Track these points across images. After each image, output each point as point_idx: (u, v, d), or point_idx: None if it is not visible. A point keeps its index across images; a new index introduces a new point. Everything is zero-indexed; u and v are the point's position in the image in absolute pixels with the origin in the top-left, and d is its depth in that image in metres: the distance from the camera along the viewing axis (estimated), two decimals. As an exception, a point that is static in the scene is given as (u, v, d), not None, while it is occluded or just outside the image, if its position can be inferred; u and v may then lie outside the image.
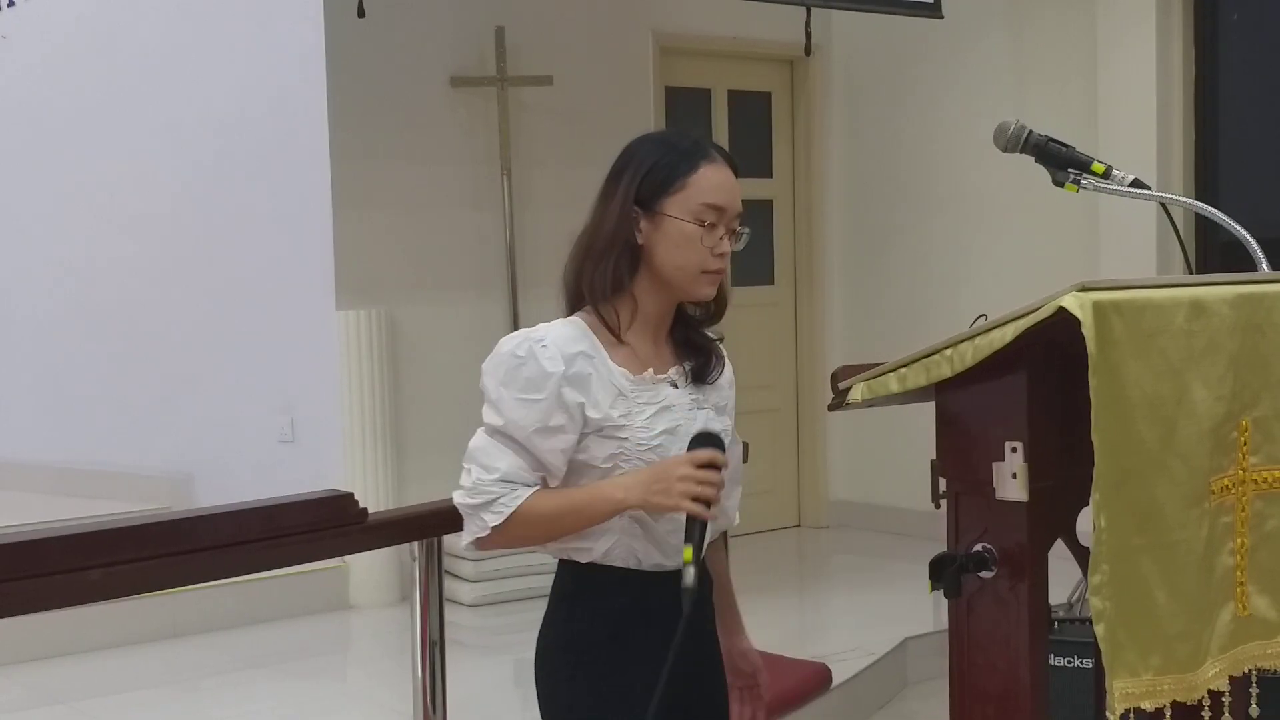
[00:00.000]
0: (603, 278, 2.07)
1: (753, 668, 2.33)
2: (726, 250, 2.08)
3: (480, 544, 2.07)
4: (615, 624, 2.09)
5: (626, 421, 2.04)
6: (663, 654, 2.03)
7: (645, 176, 2.08)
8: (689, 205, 2.06)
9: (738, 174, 2.14)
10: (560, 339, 2.07)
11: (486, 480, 2.04)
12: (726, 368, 2.23)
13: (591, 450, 2.05)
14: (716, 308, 2.17)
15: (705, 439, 2.02)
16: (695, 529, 1.97)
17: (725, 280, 2.13)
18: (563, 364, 2.04)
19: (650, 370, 2.09)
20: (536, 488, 2.05)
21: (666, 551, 2.08)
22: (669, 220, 2.06)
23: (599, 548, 2.07)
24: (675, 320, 2.17)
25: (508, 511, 2.03)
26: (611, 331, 2.08)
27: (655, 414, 2.06)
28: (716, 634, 2.25)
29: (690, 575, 1.92)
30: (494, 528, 2.03)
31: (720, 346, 2.22)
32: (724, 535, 2.39)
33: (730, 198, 2.09)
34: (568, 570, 2.14)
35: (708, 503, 1.97)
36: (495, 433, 2.06)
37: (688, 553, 1.94)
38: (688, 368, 2.14)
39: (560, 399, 2.03)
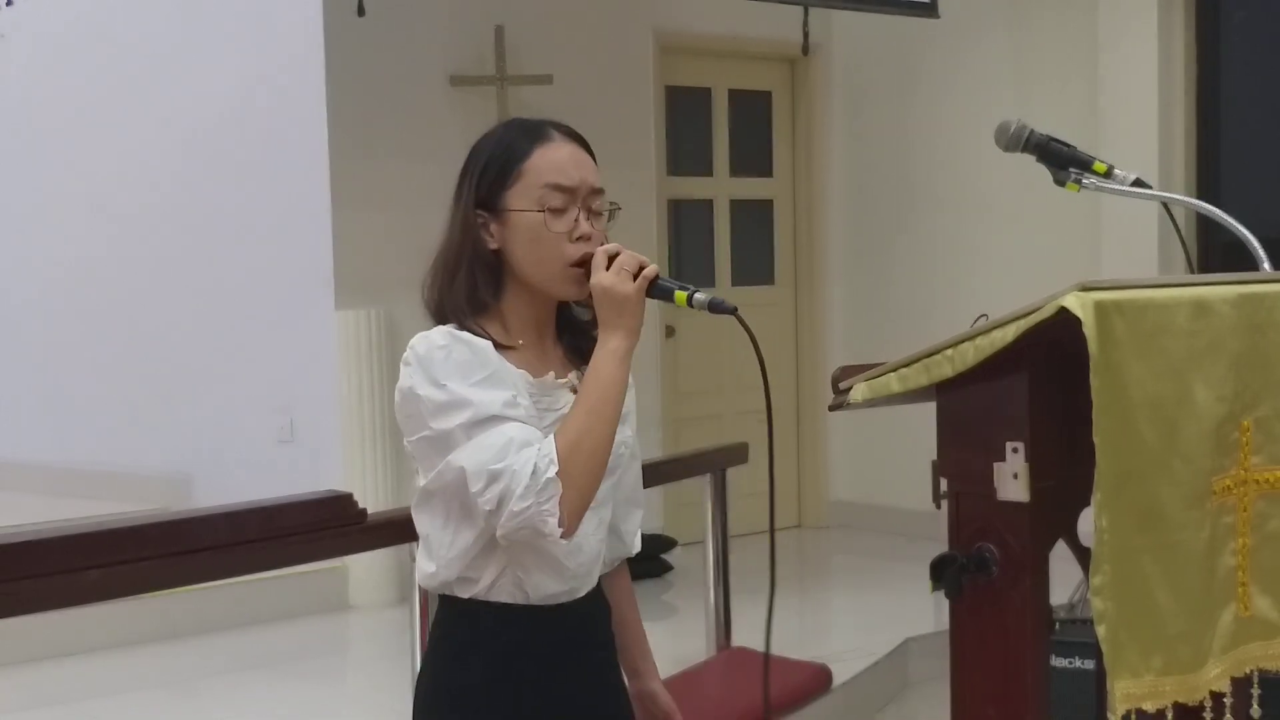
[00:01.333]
0: (458, 295, 1.89)
1: (665, 713, 2.13)
2: (588, 232, 1.88)
3: (569, 520, 1.77)
4: (498, 670, 1.88)
5: (536, 425, 1.84)
6: (556, 696, 1.90)
7: (481, 175, 1.91)
8: (530, 193, 1.87)
9: (589, 149, 1.95)
10: (463, 332, 1.87)
11: (513, 463, 1.76)
12: None
13: None
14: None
15: None
16: (661, 286, 1.85)
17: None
18: (485, 343, 1.87)
19: (551, 374, 1.92)
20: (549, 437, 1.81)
21: (561, 577, 1.89)
22: (513, 215, 1.88)
23: (484, 580, 1.87)
24: (561, 324, 1.98)
25: (550, 453, 1.76)
26: (499, 344, 1.89)
27: (554, 423, 1.86)
28: (620, 672, 2.06)
29: (701, 295, 1.83)
30: (560, 484, 1.75)
31: None
32: (626, 563, 2.16)
33: (577, 172, 1.89)
34: (447, 607, 1.92)
35: (642, 266, 1.83)
36: (471, 427, 1.79)
37: (681, 297, 1.84)
38: (582, 374, 1.92)
39: (504, 372, 1.85)
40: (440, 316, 1.93)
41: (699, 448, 5.12)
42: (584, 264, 1.88)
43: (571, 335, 1.99)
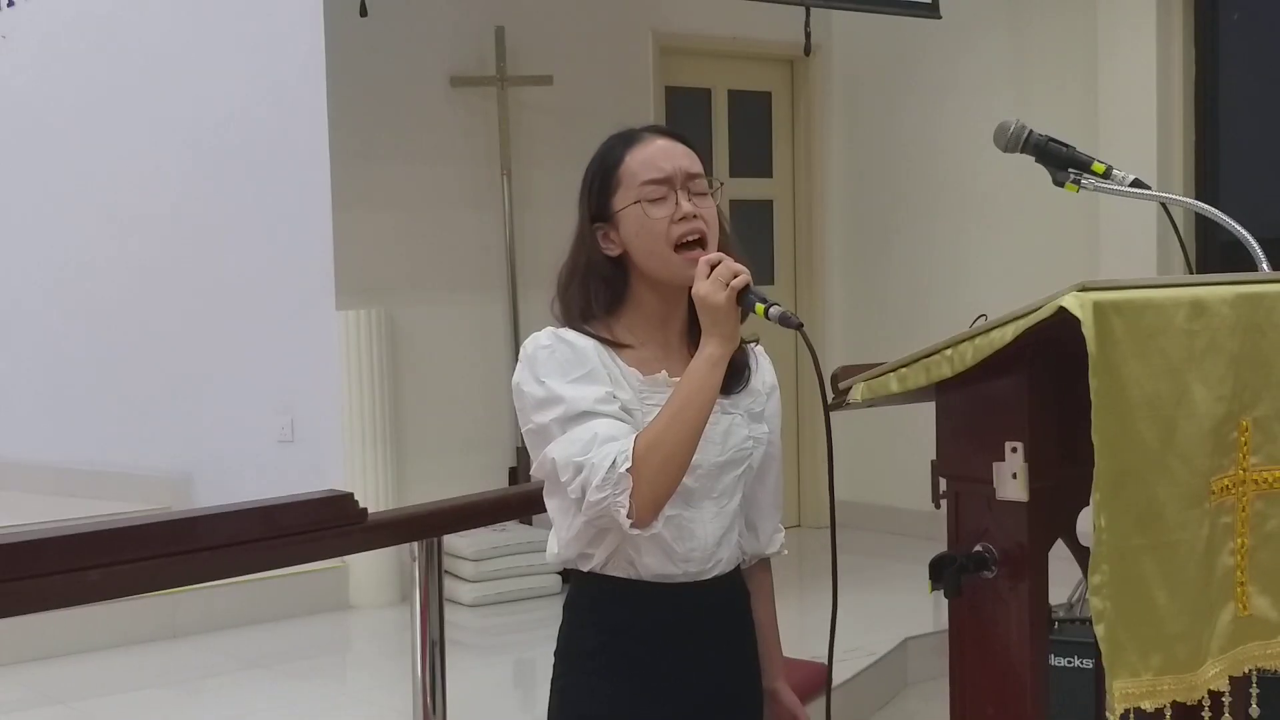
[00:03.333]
0: (571, 304, 2.03)
1: (790, 712, 2.22)
2: (690, 210, 1.99)
3: (640, 513, 1.88)
4: (607, 637, 2.03)
5: (639, 420, 1.94)
6: (666, 671, 2.01)
7: (590, 190, 2.05)
8: (630, 192, 2.00)
9: (684, 139, 2.08)
10: (568, 332, 2.01)
11: (594, 457, 1.88)
12: (763, 372, 2.13)
13: None
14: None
15: None
16: (751, 297, 1.92)
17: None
18: (589, 343, 1.98)
19: (664, 372, 2.01)
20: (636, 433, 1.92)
21: (671, 559, 1.99)
22: (621, 215, 2.01)
23: (599, 556, 2.00)
24: (693, 323, 2.04)
25: (628, 450, 1.87)
26: (613, 343, 2.01)
27: None
28: (756, 661, 2.16)
29: (775, 309, 1.91)
30: (631, 479, 1.86)
31: (755, 349, 2.12)
32: (767, 562, 2.24)
33: (669, 162, 2.01)
34: (575, 579, 2.07)
35: (735, 275, 1.91)
36: (565, 422, 1.92)
37: (761, 309, 1.91)
38: None
39: (602, 370, 1.96)
40: (564, 321, 2.05)
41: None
42: (691, 244, 1.98)
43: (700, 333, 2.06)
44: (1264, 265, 2.31)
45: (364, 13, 5.37)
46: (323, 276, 5.92)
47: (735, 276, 1.91)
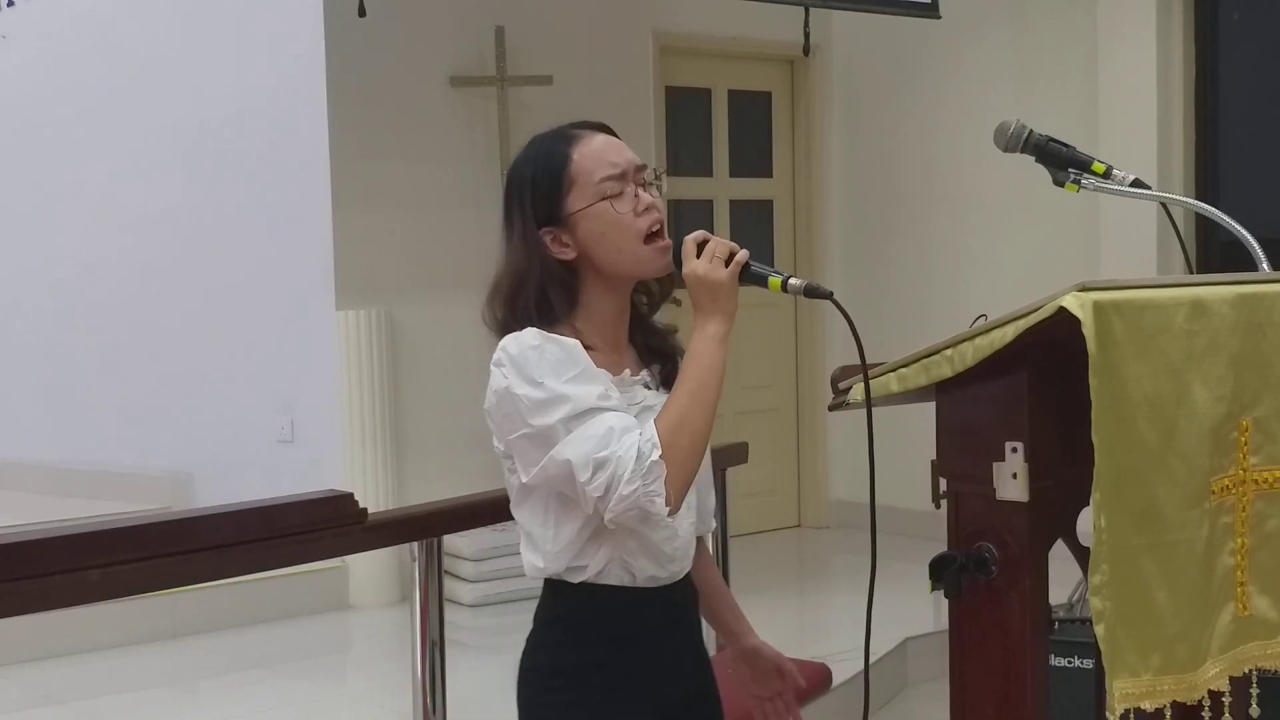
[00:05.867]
0: (528, 310, 1.94)
1: (775, 664, 2.19)
2: (651, 200, 1.97)
3: (675, 499, 1.84)
4: (610, 648, 1.98)
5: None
6: (659, 673, 1.99)
7: (534, 195, 1.97)
8: (587, 190, 1.94)
9: (613, 132, 2.03)
10: (550, 332, 1.93)
11: (617, 449, 1.82)
12: None
13: None
14: (660, 287, 2.04)
15: None
16: (754, 272, 1.89)
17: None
18: (573, 341, 1.92)
19: (628, 371, 1.98)
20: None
21: (660, 561, 1.97)
22: (579, 216, 1.94)
23: (593, 566, 1.94)
24: (633, 326, 2.04)
25: (652, 437, 1.83)
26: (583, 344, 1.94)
27: (638, 415, 1.92)
28: (706, 656, 2.14)
29: (796, 280, 1.87)
30: (664, 465, 1.82)
31: (681, 343, 2.06)
32: (702, 540, 2.21)
33: (619, 156, 1.97)
34: (558, 591, 2.00)
35: (733, 251, 1.89)
36: (572, 420, 1.84)
37: (775, 283, 1.89)
38: (655, 371, 2.04)
39: (594, 368, 1.91)
40: (508, 330, 1.95)
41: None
42: (659, 235, 1.95)
43: (643, 335, 2.06)
44: (1264, 265, 2.31)
45: (363, 13, 5.37)
46: (322, 276, 5.92)
47: (732, 253, 1.89)
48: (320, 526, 2.41)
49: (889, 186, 7.14)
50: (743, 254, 1.90)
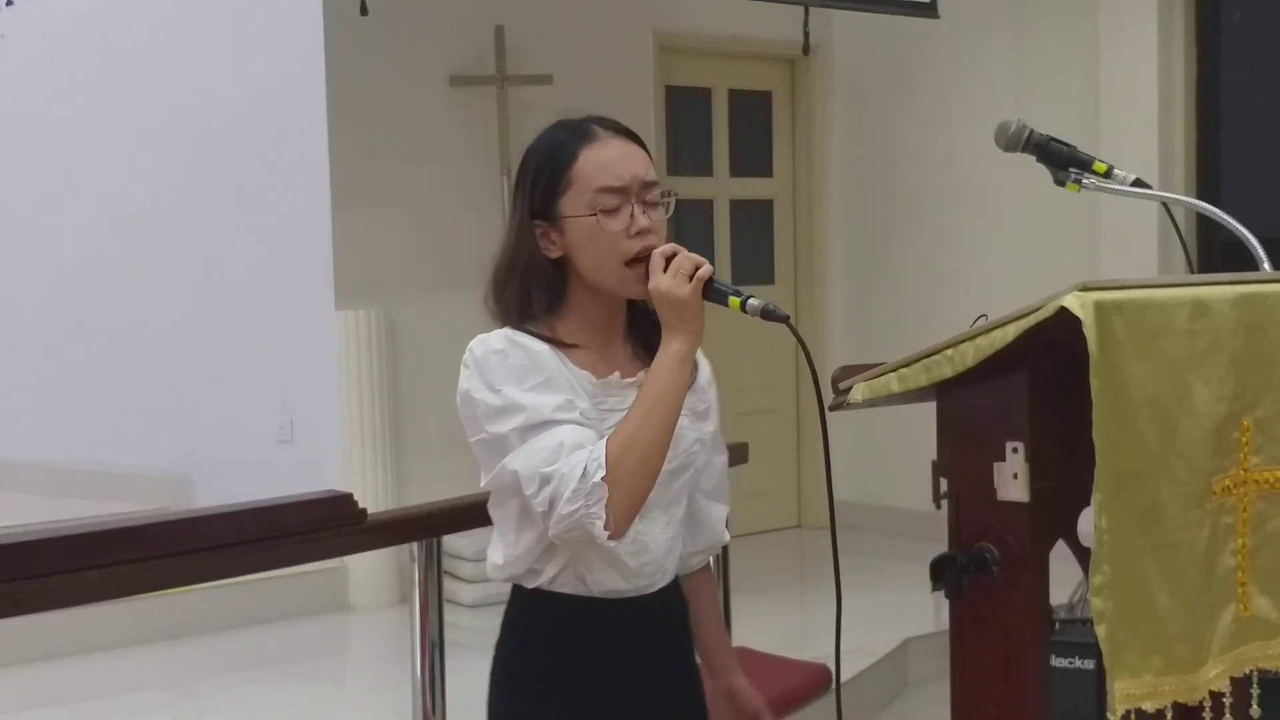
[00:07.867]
0: (511, 304, 1.92)
1: (755, 709, 2.14)
2: (645, 226, 1.87)
3: (616, 523, 1.77)
4: (554, 657, 1.93)
5: (597, 427, 1.85)
6: (616, 688, 1.93)
7: (534, 185, 1.91)
8: (581, 198, 1.87)
9: (637, 139, 1.94)
10: (521, 335, 1.89)
11: (562, 467, 1.76)
12: (702, 368, 2.01)
13: None
14: None
15: None
16: (716, 289, 1.83)
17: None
18: (543, 346, 1.87)
19: (616, 374, 1.91)
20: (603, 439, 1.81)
21: (625, 575, 1.92)
22: (568, 222, 1.88)
23: (548, 573, 1.90)
24: (630, 320, 1.98)
25: (599, 457, 1.77)
26: (560, 344, 1.90)
27: (617, 423, 1.85)
28: (697, 671, 2.08)
29: (755, 301, 1.81)
30: (606, 488, 1.76)
31: None
32: (711, 560, 2.20)
33: (626, 170, 1.88)
34: (516, 595, 1.97)
35: (697, 266, 1.82)
36: (525, 431, 1.80)
37: (735, 302, 1.82)
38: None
39: (560, 376, 1.85)
40: (503, 321, 1.94)
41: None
42: (644, 260, 1.87)
43: (641, 332, 1.98)
44: (1265, 265, 2.31)
45: (364, 12, 5.37)
46: (322, 276, 5.92)
47: (697, 268, 1.83)
48: (319, 527, 2.41)
49: (889, 186, 7.14)
50: (705, 270, 1.83)
